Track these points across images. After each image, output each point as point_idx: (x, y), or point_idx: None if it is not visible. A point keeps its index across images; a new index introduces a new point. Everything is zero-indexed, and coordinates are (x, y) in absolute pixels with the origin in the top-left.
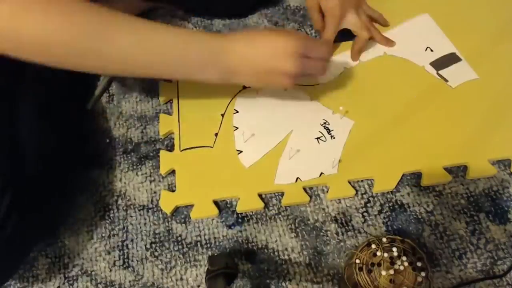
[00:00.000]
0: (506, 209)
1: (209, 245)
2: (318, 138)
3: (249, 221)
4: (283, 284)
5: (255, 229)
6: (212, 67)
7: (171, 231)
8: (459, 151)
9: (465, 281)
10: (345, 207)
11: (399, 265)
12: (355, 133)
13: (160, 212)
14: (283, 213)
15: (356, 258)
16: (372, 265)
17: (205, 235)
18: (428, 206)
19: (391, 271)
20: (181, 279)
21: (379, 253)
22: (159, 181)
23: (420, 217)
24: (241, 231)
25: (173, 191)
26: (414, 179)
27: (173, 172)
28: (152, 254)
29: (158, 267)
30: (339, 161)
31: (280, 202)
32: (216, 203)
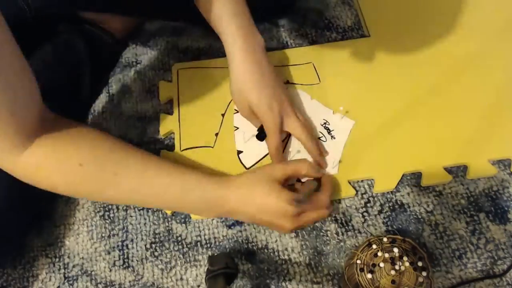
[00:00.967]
0: (506, 209)
1: (209, 245)
2: (318, 138)
3: None
4: (283, 284)
5: (255, 229)
6: (207, 212)
7: (171, 231)
8: (459, 151)
9: (465, 280)
10: (345, 207)
11: (400, 265)
12: (355, 133)
13: (160, 212)
14: None
15: (357, 258)
16: (373, 265)
17: (205, 235)
18: (428, 206)
19: (392, 272)
20: (181, 279)
21: (380, 254)
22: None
23: (420, 217)
24: (241, 231)
25: None
26: (414, 179)
27: None
28: (152, 254)
29: (158, 267)
30: (339, 161)
31: None
32: None
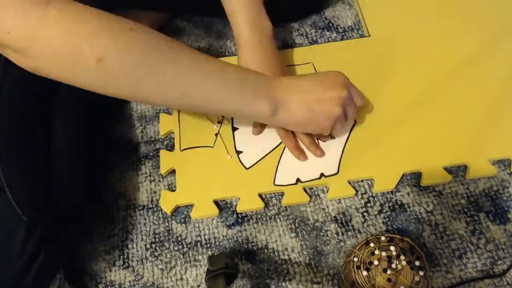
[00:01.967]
0: (506, 209)
1: (209, 245)
2: (318, 138)
3: (249, 221)
4: (283, 284)
5: (255, 229)
6: (263, 98)
7: (171, 231)
8: (459, 151)
9: (464, 280)
10: (345, 207)
11: (397, 264)
12: (355, 133)
13: (160, 212)
14: (283, 213)
15: (354, 256)
16: (370, 263)
17: (205, 235)
18: (428, 206)
19: (389, 270)
20: (181, 279)
21: (377, 252)
22: (159, 181)
23: (420, 217)
24: (241, 231)
25: (173, 190)
26: (414, 179)
27: (173, 172)
28: (152, 254)
29: (158, 267)
30: (339, 161)
31: (280, 202)
32: (216, 203)
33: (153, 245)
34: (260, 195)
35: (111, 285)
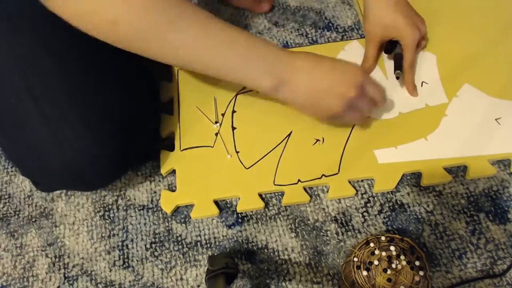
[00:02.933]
0: (506, 209)
1: (209, 245)
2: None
3: (249, 221)
4: (283, 284)
5: (255, 229)
6: (267, 74)
7: (171, 231)
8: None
9: (464, 280)
10: (345, 207)
11: (397, 264)
12: (356, 132)
13: (160, 212)
14: (283, 213)
15: (354, 256)
16: (370, 263)
17: (205, 235)
18: (428, 206)
19: (389, 270)
20: (181, 279)
21: (377, 252)
22: (159, 181)
23: (420, 217)
24: (241, 231)
25: (173, 191)
26: (414, 179)
27: (173, 172)
28: (152, 254)
29: (158, 267)
30: (340, 160)
31: (280, 202)
32: (216, 202)
33: (153, 245)
34: (260, 195)
35: (111, 285)
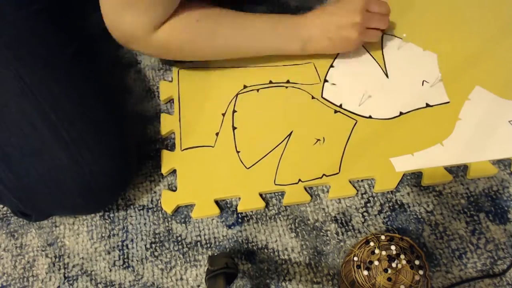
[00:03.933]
0: (506, 209)
1: (209, 245)
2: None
3: (249, 221)
4: (283, 284)
5: (255, 229)
6: (293, 38)
7: (171, 231)
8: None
9: (464, 280)
10: (345, 207)
11: (397, 263)
12: (356, 132)
13: (160, 212)
14: (283, 213)
15: (353, 255)
16: (370, 262)
17: (205, 235)
18: (428, 206)
19: (389, 270)
20: (181, 279)
21: (377, 251)
22: (159, 181)
23: (420, 217)
24: (241, 231)
25: (174, 190)
26: (414, 179)
27: (173, 172)
28: (152, 254)
29: (158, 267)
30: (341, 160)
31: (280, 202)
32: (217, 202)
33: (153, 245)
34: (260, 195)
35: (111, 285)
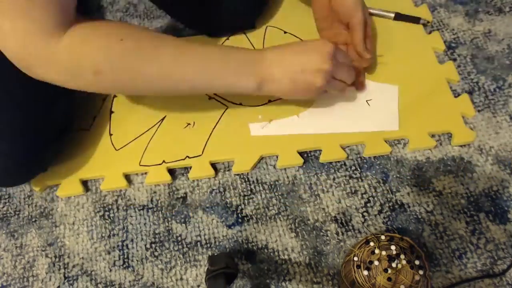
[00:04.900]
0: (506, 209)
1: (209, 245)
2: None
3: (249, 221)
4: (283, 284)
5: (255, 229)
6: (248, 75)
7: (171, 231)
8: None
9: (464, 280)
10: (345, 207)
11: (397, 263)
12: (225, 117)
13: (160, 212)
14: (283, 213)
15: (354, 255)
16: (370, 262)
17: (205, 235)
18: (428, 206)
19: (389, 270)
20: (181, 279)
21: (377, 251)
22: (156, 184)
23: (420, 217)
24: (241, 231)
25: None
26: (414, 179)
27: None
28: (152, 254)
29: (158, 267)
30: (205, 143)
31: (280, 202)
32: (84, 183)
33: (153, 245)
34: (126, 175)
35: (111, 285)
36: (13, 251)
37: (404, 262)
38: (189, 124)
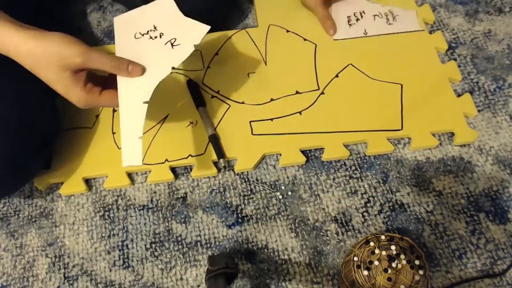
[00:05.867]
0: (506, 209)
1: (209, 245)
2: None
3: (249, 221)
4: (283, 284)
5: (255, 229)
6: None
7: (171, 231)
8: (314, 122)
9: (464, 279)
10: (345, 207)
11: (397, 263)
12: (228, 116)
13: (160, 212)
14: (283, 213)
15: (354, 255)
16: (370, 262)
17: (205, 235)
18: (428, 206)
19: (389, 270)
20: (181, 279)
21: (377, 251)
22: (159, 182)
23: (420, 217)
24: (241, 231)
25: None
26: (414, 178)
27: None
28: (152, 254)
29: (158, 267)
30: (208, 142)
31: (280, 202)
32: (87, 181)
33: (153, 245)
34: (129, 174)
35: (111, 285)
36: (13, 251)
37: (404, 262)
38: (192, 123)
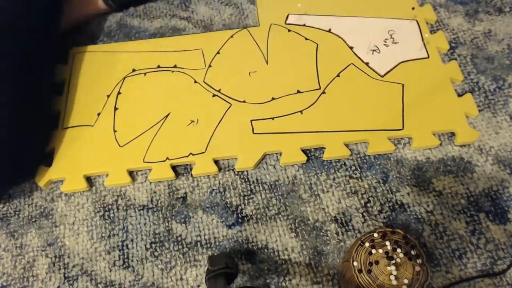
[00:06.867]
0: (506, 209)
1: (209, 245)
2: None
3: (249, 221)
4: (283, 284)
5: (255, 229)
6: None
7: (171, 231)
8: (315, 120)
9: (464, 279)
10: (345, 207)
11: (396, 258)
12: (229, 115)
13: (160, 212)
14: (283, 213)
15: (353, 260)
16: (370, 264)
17: (205, 235)
18: (428, 206)
19: (390, 266)
20: (181, 279)
21: (374, 251)
22: (159, 181)
23: (420, 217)
24: (241, 231)
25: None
26: (414, 178)
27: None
28: (152, 254)
29: (158, 267)
30: (209, 140)
31: (280, 202)
32: (88, 178)
33: (153, 245)
34: (130, 172)
35: (111, 285)
36: (13, 251)
37: (401, 255)
38: (193, 121)
